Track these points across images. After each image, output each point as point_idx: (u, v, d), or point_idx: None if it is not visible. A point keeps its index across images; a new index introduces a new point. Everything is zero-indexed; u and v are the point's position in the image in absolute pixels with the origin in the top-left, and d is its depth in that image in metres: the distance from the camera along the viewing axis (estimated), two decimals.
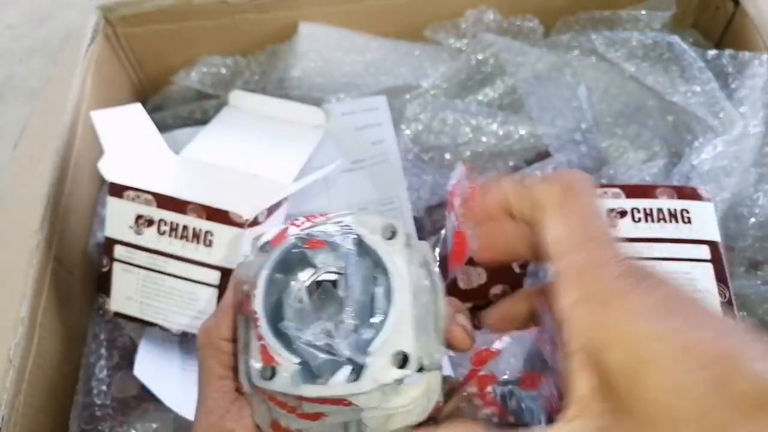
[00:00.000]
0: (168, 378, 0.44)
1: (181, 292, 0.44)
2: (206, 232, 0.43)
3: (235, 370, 0.26)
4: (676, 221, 0.42)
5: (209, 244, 0.43)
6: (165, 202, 0.44)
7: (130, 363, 0.44)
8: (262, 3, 0.59)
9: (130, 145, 0.48)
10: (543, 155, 0.56)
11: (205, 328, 0.28)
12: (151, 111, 0.53)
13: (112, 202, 0.45)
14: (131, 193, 0.45)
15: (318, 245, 0.25)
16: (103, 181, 0.53)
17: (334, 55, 0.60)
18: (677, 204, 0.43)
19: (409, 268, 0.25)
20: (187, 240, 0.44)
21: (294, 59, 0.60)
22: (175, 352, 0.46)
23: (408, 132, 0.57)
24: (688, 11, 0.63)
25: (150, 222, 0.44)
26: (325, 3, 0.60)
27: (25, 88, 0.79)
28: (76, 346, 0.47)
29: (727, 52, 0.54)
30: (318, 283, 0.25)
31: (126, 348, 0.47)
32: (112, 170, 0.46)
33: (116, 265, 0.45)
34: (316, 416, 0.24)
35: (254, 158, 0.52)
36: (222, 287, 0.43)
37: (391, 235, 0.25)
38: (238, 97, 0.58)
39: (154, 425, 0.45)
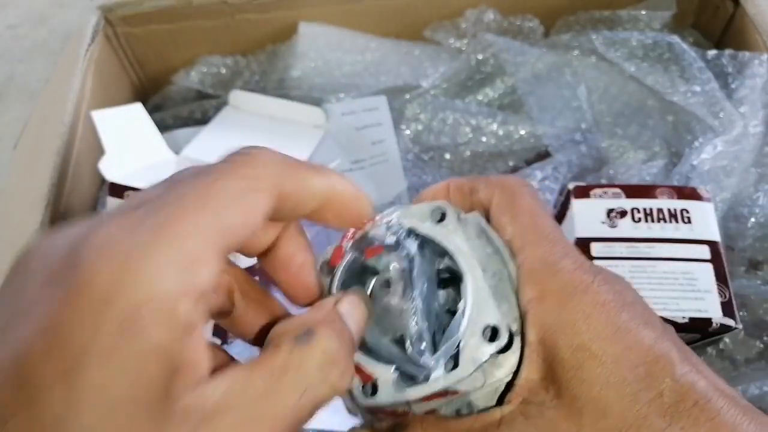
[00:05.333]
0: None
1: None
2: None
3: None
4: (676, 221, 0.42)
5: None
6: None
7: None
8: (262, 3, 0.59)
9: (131, 145, 0.48)
10: (543, 155, 0.56)
11: None
12: (151, 111, 0.53)
13: (112, 202, 0.45)
14: (131, 193, 0.45)
15: (376, 251, 0.25)
16: (103, 181, 0.53)
17: (334, 55, 0.60)
18: (677, 204, 0.43)
19: (468, 243, 0.25)
20: None
21: (294, 59, 0.60)
22: None
23: (408, 132, 0.57)
24: (688, 11, 0.63)
25: None
26: (325, 3, 0.60)
27: (25, 88, 0.79)
28: None
29: (727, 52, 0.54)
30: (387, 283, 0.25)
31: None
32: (112, 170, 0.46)
33: None
34: (428, 413, 0.24)
35: None
36: None
37: (441, 216, 0.25)
38: (238, 97, 0.58)
39: None
